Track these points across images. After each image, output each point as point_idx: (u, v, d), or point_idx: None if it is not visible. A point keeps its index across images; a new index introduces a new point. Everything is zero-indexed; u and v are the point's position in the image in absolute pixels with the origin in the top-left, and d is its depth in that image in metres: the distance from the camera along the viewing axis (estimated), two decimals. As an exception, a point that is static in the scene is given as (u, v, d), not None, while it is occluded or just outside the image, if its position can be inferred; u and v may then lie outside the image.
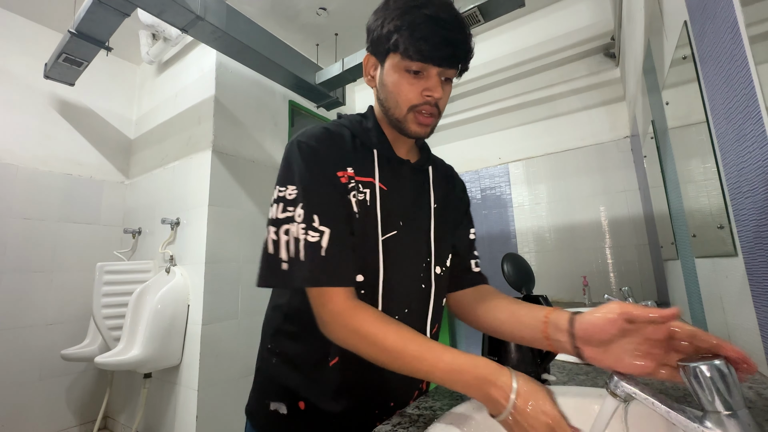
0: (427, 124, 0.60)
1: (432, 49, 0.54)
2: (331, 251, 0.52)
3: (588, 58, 2.30)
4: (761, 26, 0.51)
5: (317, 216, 0.53)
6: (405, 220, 0.63)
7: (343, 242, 0.54)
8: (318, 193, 0.55)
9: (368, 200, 0.59)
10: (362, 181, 0.60)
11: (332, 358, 0.58)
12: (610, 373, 0.43)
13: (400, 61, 0.57)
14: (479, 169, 2.68)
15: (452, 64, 0.57)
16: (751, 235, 0.62)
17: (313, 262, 0.52)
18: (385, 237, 0.60)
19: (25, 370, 2.14)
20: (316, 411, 0.58)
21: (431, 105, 0.59)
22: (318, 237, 0.52)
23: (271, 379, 0.63)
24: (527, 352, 0.65)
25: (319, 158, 0.57)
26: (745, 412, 0.34)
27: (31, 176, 2.27)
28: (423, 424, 0.50)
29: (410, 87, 0.58)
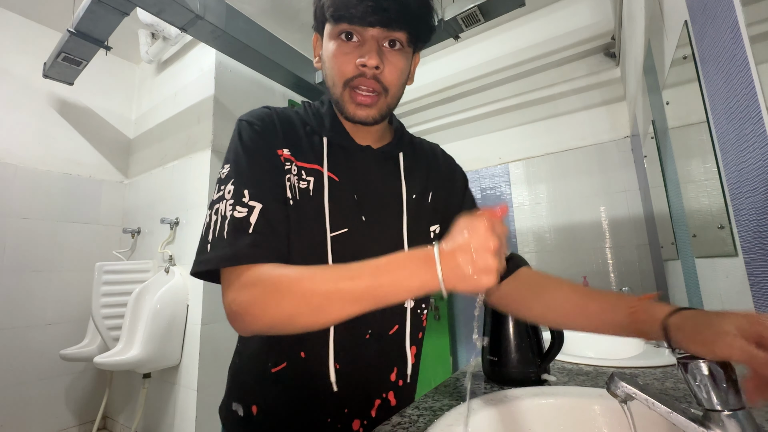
0: (367, 103, 0.51)
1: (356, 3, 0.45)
2: (261, 228, 0.46)
3: (588, 58, 2.30)
4: (761, 26, 0.51)
5: (247, 191, 0.47)
6: (369, 215, 0.55)
7: (276, 219, 0.48)
8: (250, 167, 0.49)
9: (311, 190, 0.52)
10: (305, 167, 0.53)
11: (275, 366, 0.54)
12: (611, 373, 0.43)
13: (333, 27, 0.50)
14: (479, 169, 2.67)
15: (386, 22, 0.47)
16: (751, 235, 0.62)
17: (238, 239, 0.44)
18: (334, 234, 0.52)
19: (24, 370, 2.13)
20: (268, 416, 0.55)
21: (367, 77, 0.49)
22: (246, 212, 0.46)
23: (233, 379, 0.61)
24: (527, 352, 0.65)
25: (255, 135, 0.52)
26: (745, 412, 0.34)
27: (30, 176, 2.27)
28: (423, 424, 0.50)
29: (345, 57, 0.50)
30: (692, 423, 0.35)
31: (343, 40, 0.50)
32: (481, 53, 2.63)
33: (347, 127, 0.57)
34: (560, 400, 0.54)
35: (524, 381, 0.64)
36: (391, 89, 0.52)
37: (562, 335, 0.63)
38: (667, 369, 0.70)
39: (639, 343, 0.97)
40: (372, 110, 0.51)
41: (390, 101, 0.53)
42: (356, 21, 0.47)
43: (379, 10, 0.46)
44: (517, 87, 2.54)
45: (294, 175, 0.52)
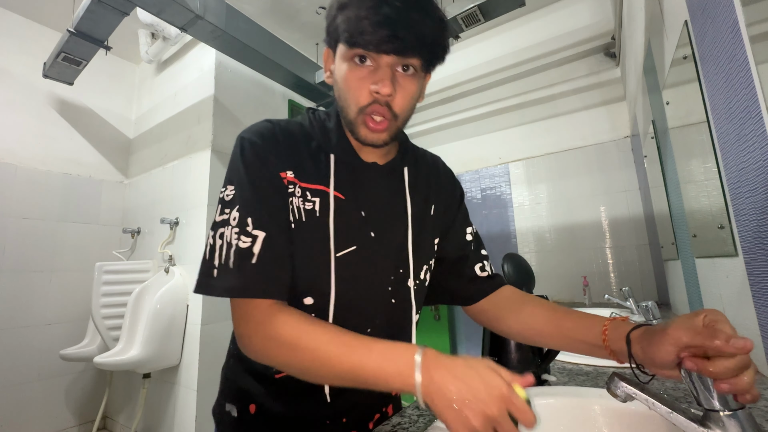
0: (379, 129, 0.50)
1: (372, 29, 0.44)
2: (264, 258, 0.47)
3: (588, 58, 2.30)
4: (761, 26, 0.51)
5: (251, 219, 0.47)
6: (377, 230, 0.55)
7: (279, 248, 0.48)
8: (254, 193, 0.49)
9: (317, 210, 0.52)
10: (309, 188, 0.52)
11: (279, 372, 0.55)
12: (611, 373, 0.43)
13: (347, 50, 0.48)
14: (479, 169, 2.67)
15: (401, 50, 0.46)
16: (751, 235, 0.62)
17: (241, 271, 0.46)
18: (340, 254, 0.52)
19: (24, 370, 2.13)
20: (266, 415, 0.57)
21: (381, 104, 0.49)
22: (250, 243, 0.47)
23: (227, 380, 0.62)
24: (527, 352, 0.65)
25: (258, 156, 0.51)
26: (744, 412, 0.34)
27: (30, 176, 2.27)
28: (423, 425, 0.50)
29: (359, 83, 0.49)
30: (692, 423, 0.35)
31: (356, 63, 0.49)
32: (481, 53, 2.63)
33: (354, 145, 0.57)
34: (560, 400, 0.54)
35: None
36: (401, 115, 0.52)
37: None
38: (667, 369, 0.70)
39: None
40: (383, 135, 0.51)
41: (400, 124, 0.53)
42: (371, 48, 0.46)
43: (394, 38, 0.45)
44: (517, 87, 2.54)
45: (298, 197, 0.51)
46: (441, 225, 0.65)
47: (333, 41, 0.51)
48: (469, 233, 0.69)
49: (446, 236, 0.66)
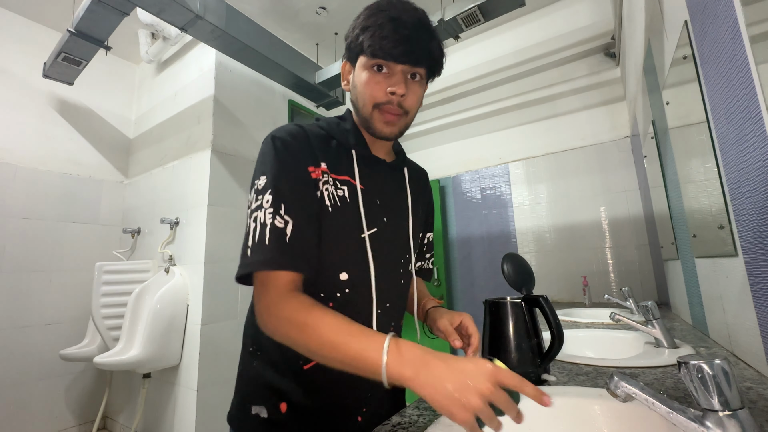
0: (392, 122, 0.62)
1: (392, 45, 0.57)
2: (295, 239, 0.53)
3: (588, 58, 2.30)
4: (761, 26, 0.51)
5: (284, 205, 0.54)
6: (388, 217, 0.66)
7: (306, 234, 0.55)
8: (286, 183, 0.56)
9: (347, 197, 0.61)
10: (338, 179, 0.62)
11: (307, 362, 0.59)
12: (611, 373, 0.43)
13: (367, 60, 0.60)
14: (479, 169, 2.67)
15: (414, 60, 0.59)
16: (751, 235, 0.62)
17: (276, 246, 0.52)
18: (369, 233, 0.62)
19: (24, 370, 2.13)
20: (298, 412, 0.59)
21: (394, 104, 0.60)
22: (283, 224, 0.53)
23: (251, 382, 0.63)
24: (527, 352, 0.65)
25: (290, 151, 0.59)
26: (744, 412, 0.34)
27: (30, 176, 2.27)
28: (423, 424, 0.50)
29: (376, 85, 0.60)
30: (692, 423, 0.35)
31: (375, 71, 0.60)
32: (481, 53, 2.63)
33: (368, 141, 0.68)
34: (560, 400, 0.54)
35: None
36: (410, 112, 0.63)
37: (562, 335, 0.63)
38: (667, 369, 0.70)
39: (639, 344, 0.97)
40: (395, 128, 0.63)
41: (408, 121, 0.64)
42: (390, 58, 0.58)
43: (409, 52, 0.58)
44: (517, 87, 2.54)
45: (331, 185, 0.61)
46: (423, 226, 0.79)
47: (354, 56, 0.63)
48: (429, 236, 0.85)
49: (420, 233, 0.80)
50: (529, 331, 0.67)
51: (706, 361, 0.35)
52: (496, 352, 0.67)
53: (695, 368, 0.35)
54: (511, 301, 0.69)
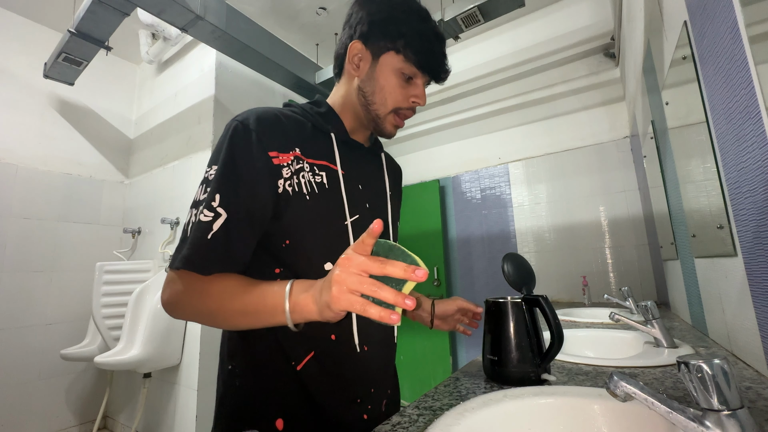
0: (400, 126, 0.65)
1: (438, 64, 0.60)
2: (220, 237, 0.49)
3: (588, 58, 2.30)
4: (761, 26, 0.51)
5: (219, 196, 0.50)
6: (370, 202, 0.65)
7: (241, 230, 0.51)
8: (231, 172, 0.51)
9: (326, 183, 0.58)
10: (316, 164, 0.58)
11: (300, 361, 0.55)
12: (610, 373, 0.43)
13: (402, 63, 0.59)
14: (479, 169, 2.68)
15: (440, 78, 0.63)
16: (750, 235, 0.62)
17: (195, 245, 0.48)
18: (351, 220, 0.59)
19: (24, 369, 2.13)
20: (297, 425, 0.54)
21: (413, 110, 0.63)
22: (211, 218, 0.49)
23: (237, 404, 0.56)
24: (527, 351, 0.65)
25: (248, 137, 0.53)
26: (744, 412, 0.34)
27: (31, 176, 2.27)
28: (423, 424, 0.50)
29: (401, 90, 0.61)
30: (692, 423, 0.35)
31: (404, 77, 0.61)
32: (480, 53, 2.63)
33: (347, 127, 0.66)
34: (560, 400, 0.54)
35: (524, 380, 0.64)
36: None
37: (562, 335, 0.63)
38: (667, 369, 0.70)
39: (638, 343, 0.97)
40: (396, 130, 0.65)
41: None
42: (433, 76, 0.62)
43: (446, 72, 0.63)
44: (517, 87, 2.54)
45: (307, 171, 0.57)
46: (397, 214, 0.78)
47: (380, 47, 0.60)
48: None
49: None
50: (529, 331, 0.67)
51: (706, 361, 0.35)
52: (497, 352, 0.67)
53: (695, 368, 0.36)
54: (511, 301, 0.69)
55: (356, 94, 0.64)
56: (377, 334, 0.63)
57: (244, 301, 0.47)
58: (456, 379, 0.70)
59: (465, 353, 2.51)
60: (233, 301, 0.48)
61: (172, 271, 0.50)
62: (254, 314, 0.47)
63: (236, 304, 0.47)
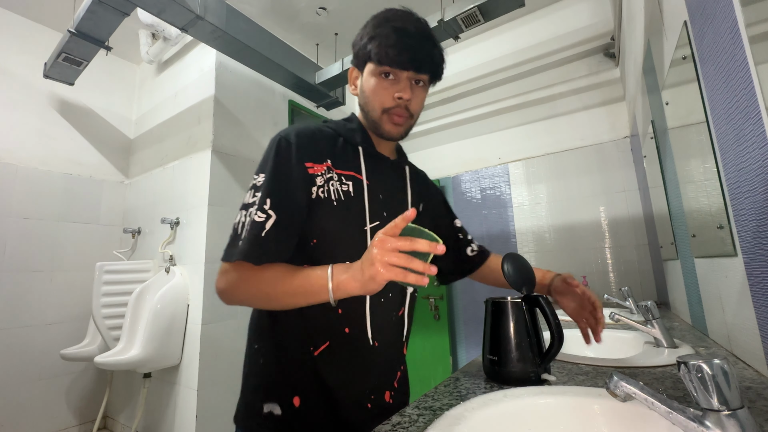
0: (399, 123, 0.67)
1: (398, 53, 0.63)
2: (272, 234, 0.57)
3: (588, 58, 2.30)
4: (761, 26, 0.51)
5: (269, 199, 0.59)
6: (388, 211, 0.70)
7: (287, 229, 0.60)
8: (277, 180, 0.61)
9: (352, 191, 0.66)
10: (344, 174, 0.66)
11: (317, 348, 0.62)
12: (610, 373, 0.43)
13: (375, 67, 0.65)
14: (479, 169, 2.68)
15: (418, 67, 0.64)
16: (750, 235, 0.62)
17: (250, 240, 0.57)
18: (371, 226, 0.66)
19: (24, 369, 2.13)
20: (311, 405, 0.61)
21: (402, 107, 0.66)
22: (264, 218, 0.58)
23: (261, 380, 0.64)
24: (527, 351, 0.65)
25: (290, 150, 0.63)
26: (744, 412, 0.34)
27: (31, 176, 2.27)
28: (423, 424, 0.50)
29: (384, 91, 0.66)
30: (692, 422, 0.35)
31: (382, 78, 0.65)
32: (480, 53, 2.64)
33: (373, 140, 0.73)
34: (560, 400, 0.54)
35: (524, 380, 0.64)
36: (414, 115, 0.69)
37: (562, 335, 0.63)
38: (667, 369, 0.71)
39: (638, 343, 0.97)
40: (401, 128, 0.68)
41: (412, 123, 0.70)
42: (396, 66, 0.64)
43: (414, 60, 0.64)
44: (516, 87, 2.54)
45: (336, 181, 0.65)
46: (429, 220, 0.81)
47: (361, 62, 0.68)
48: (457, 223, 0.90)
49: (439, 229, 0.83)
50: (529, 331, 0.67)
51: (706, 361, 0.35)
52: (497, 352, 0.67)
53: (695, 368, 0.36)
54: (511, 300, 0.69)
55: (361, 110, 0.72)
56: (388, 330, 0.69)
57: (293, 284, 0.55)
58: (456, 379, 0.70)
59: (465, 353, 2.51)
60: (284, 284, 0.56)
61: (226, 263, 0.58)
62: (303, 294, 0.55)
63: (286, 286, 0.56)
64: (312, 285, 0.54)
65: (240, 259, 0.56)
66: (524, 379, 0.64)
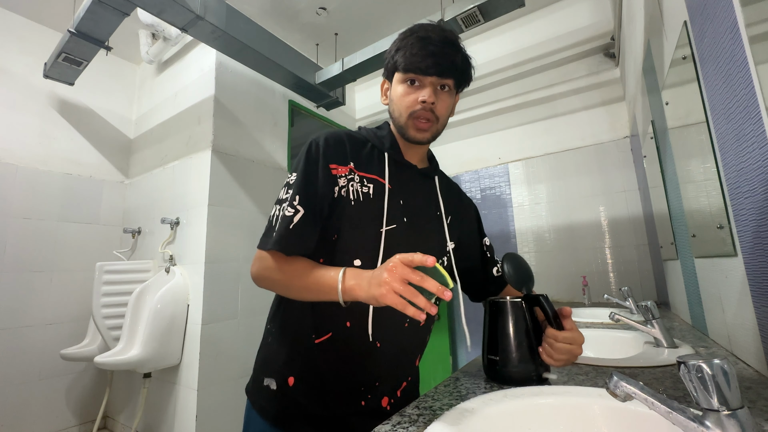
0: (424, 128, 0.69)
1: (420, 60, 0.66)
2: (299, 227, 0.63)
3: (588, 58, 2.30)
4: (761, 26, 0.51)
5: (298, 196, 0.64)
6: (409, 217, 0.71)
7: (312, 224, 0.64)
8: (305, 179, 0.66)
9: (371, 194, 0.68)
10: (366, 176, 0.70)
11: (319, 337, 0.66)
12: (610, 373, 0.43)
13: (401, 75, 0.69)
14: (479, 169, 2.68)
15: (441, 73, 0.67)
16: (750, 235, 0.62)
17: (280, 232, 0.62)
18: (386, 229, 0.68)
19: (24, 369, 2.13)
20: (303, 387, 0.65)
21: (427, 110, 0.68)
22: (293, 213, 0.63)
23: (266, 357, 0.71)
24: (526, 352, 0.65)
25: (318, 152, 0.68)
26: (744, 412, 0.34)
27: (31, 176, 2.27)
28: (423, 424, 0.50)
29: (409, 96, 0.69)
30: (692, 422, 0.35)
31: (408, 85, 0.69)
32: (480, 53, 2.63)
33: (402, 148, 0.75)
34: (560, 400, 0.54)
35: (525, 380, 0.64)
36: (440, 119, 0.70)
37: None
38: (667, 369, 0.71)
39: (638, 343, 0.97)
40: (427, 133, 0.70)
41: (439, 127, 0.72)
42: (419, 72, 0.67)
43: (436, 65, 0.66)
44: (516, 87, 2.54)
45: (357, 182, 0.68)
46: (457, 234, 0.81)
47: (390, 73, 0.73)
48: (486, 242, 0.89)
49: (467, 245, 0.84)
50: (529, 330, 0.67)
51: (706, 361, 0.35)
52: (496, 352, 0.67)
53: (695, 368, 0.36)
54: (511, 300, 0.69)
55: (391, 118, 0.75)
56: (396, 335, 0.70)
57: (309, 280, 0.60)
58: (456, 379, 0.70)
59: (465, 353, 2.51)
60: (302, 279, 0.61)
61: (262, 251, 0.65)
62: (316, 291, 0.60)
63: (303, 281, 0.61)
64: (324, 285, 0.58)
65: (273, 249, 0.62)
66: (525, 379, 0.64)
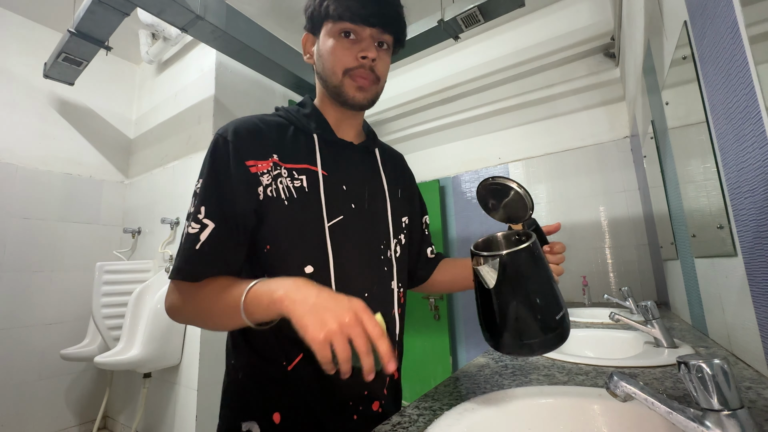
0: (364, 87, 0.59)
1: (360, 6, 0.56)
2: (208, 245, 0.52)
3: (588, 58, 2.30)
4: (761, 26, 0.51)
5: (204, 208, 0.54)
6: (357, 203, 0.62)
7: (228, 237, 0.54)
8: (214, 185, 0.55)
9: (306, 186, 0.58)
10: (295, 168, 0.58)
11: (290, 362, 0.56)
12: (610, 373, 0.43)
13: (333, 25, 0.58)
14: (479, 169, 2.68)
15: (382, 23, 0.57)
16: (750, 235, 0.62)
17: (184, 255, 0.52)
18: (331, 223, 0.58)
19: (24, 370, 2.13)
20: (292, 419, 0.56)
21: (366, 69, 0.58)
22: (198, 229, 0.53)
23: (239, 397, 0.59)
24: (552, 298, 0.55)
25: (227, 149, 0.56)
26: (744, 412, 0.34)
27: (31, 176, 2.27)
28: (423, 424, 0.50)
29: (345, 51, 0.58)
30: (692, 423, 0.35)
31: (342, 37, 0.58)
32: (480, 53, 2.63)
33: (332, 124, 0.64)
34: (560, 400, 0.54)
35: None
36: (381, 79, 0.61)
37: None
38: (667, 369, 0.71)
39: (638, 343, 0.97)
40: (368, 94, 0.60)
41: (379, 90, 0.62)
42: (358, 20, 0.56)
43: (379, 14, 0.56)
44: (516, 87, 2.54)
45: (285, 177, 0.57)
46: (408, 207, 0.75)
47: (317, 24, 0.60)
48: (426, 220, 0.82)
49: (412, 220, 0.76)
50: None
51: (706, 361, 0.35)
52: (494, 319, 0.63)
53: (695, 368, 0.36)
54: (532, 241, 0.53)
55: (318, 81, 0.63)
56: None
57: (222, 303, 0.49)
58: (456, 379, 0.70)
59: (465, 353, 2.51)
60: (217, 303, 0.50)
61: (170, 281, 0.55)
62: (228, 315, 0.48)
63: (219, 305, 0.50)
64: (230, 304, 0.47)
65: (174, 278, 0.52)
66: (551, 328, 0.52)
